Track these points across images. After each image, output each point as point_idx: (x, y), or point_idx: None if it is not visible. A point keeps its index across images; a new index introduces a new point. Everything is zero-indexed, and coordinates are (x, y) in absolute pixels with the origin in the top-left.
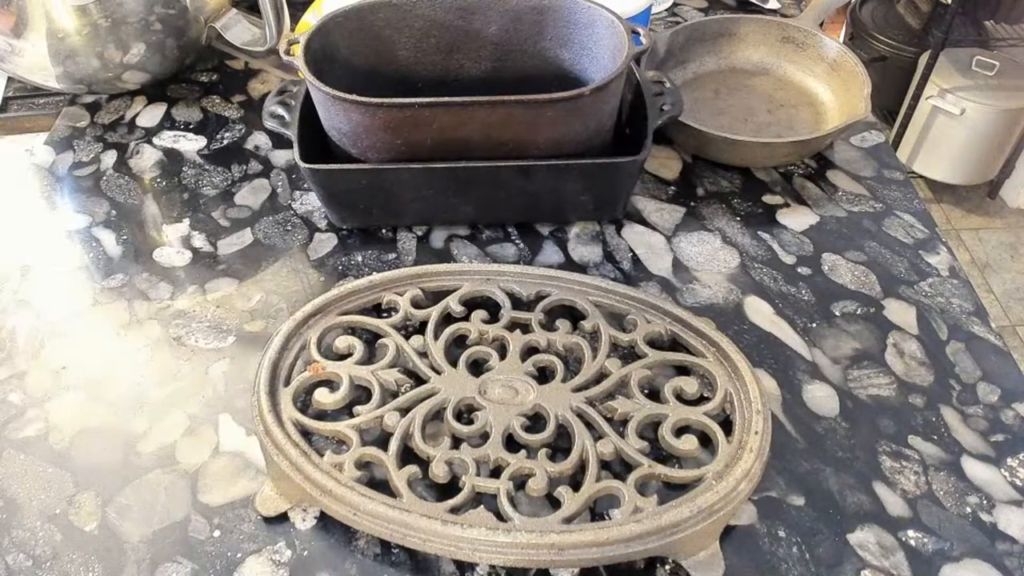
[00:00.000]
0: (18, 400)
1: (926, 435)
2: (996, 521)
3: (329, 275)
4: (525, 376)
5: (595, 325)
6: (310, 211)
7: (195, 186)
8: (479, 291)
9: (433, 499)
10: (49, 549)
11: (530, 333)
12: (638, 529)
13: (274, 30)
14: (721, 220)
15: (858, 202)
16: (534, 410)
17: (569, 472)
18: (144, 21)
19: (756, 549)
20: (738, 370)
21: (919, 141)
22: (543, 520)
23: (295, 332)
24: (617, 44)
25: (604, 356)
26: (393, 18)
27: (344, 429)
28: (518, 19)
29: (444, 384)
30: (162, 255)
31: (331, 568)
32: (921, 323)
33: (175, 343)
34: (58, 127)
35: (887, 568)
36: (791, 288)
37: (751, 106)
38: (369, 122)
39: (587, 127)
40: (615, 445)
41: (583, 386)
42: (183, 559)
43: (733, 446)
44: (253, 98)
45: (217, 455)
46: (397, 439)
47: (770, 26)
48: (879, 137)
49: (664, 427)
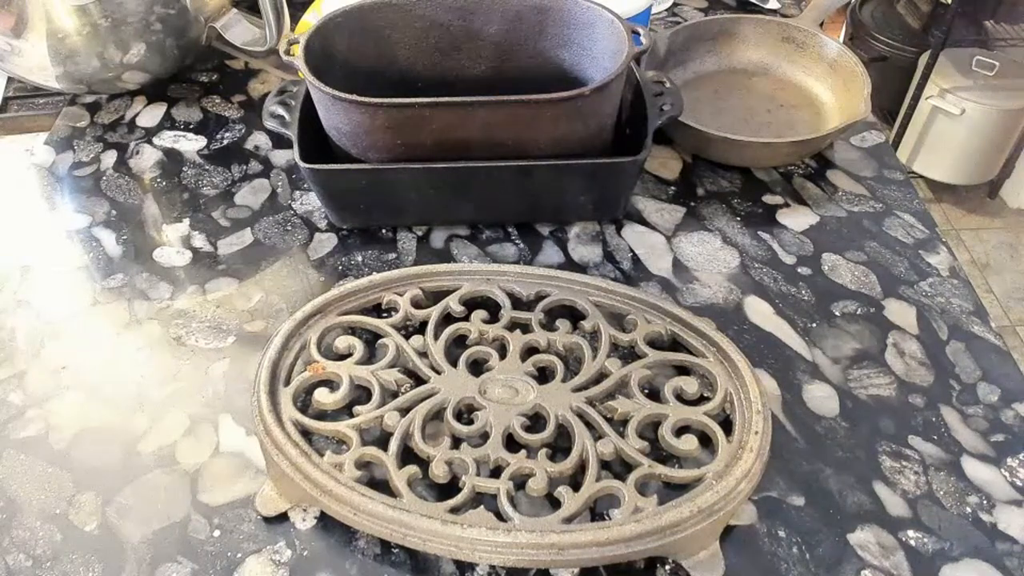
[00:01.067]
0: (18, 400)
1: (926, 435)
2: (996, 521)
3: (329, 275)
4: (525, 376)
5: (595, 325)
6: (310, 211)
7: (195, 186)
8: (479, 291)
9: (433, 499)
10: (49, 549)
11: (530, 333)
12: (638, 529)
13: (274, 30)
14: (721, 220)
15: (858, 202)
16: (534, 410)
17: (569, 472)
18: (144, 21)
19: (756, 549)
20: (738, 370)
21: (919, 141)
22: (543, 520)
23: (295, 332)
24: (617, 44)
25: (604, 356)
26: (393, 18)
27: (344, 429)
28: (518, 19)
29: (444, 384)
30: (162, 255)
31: (331, 568)
32: (921, 323)
33: (175, 343)
34: (58, 127)
35: (887, 568)
36: (791, 288)
37: (751, 106)
38: (369, 122)
39: (587, 127)
40: (615, 445)
41: (583, 386)
42: (183, 559)
43: (733, 446)
44: (253, 98)
45: (217, 455)
46: (397, 439)
47: (770, 26)
48: (879, 137)
49: (664, 427)
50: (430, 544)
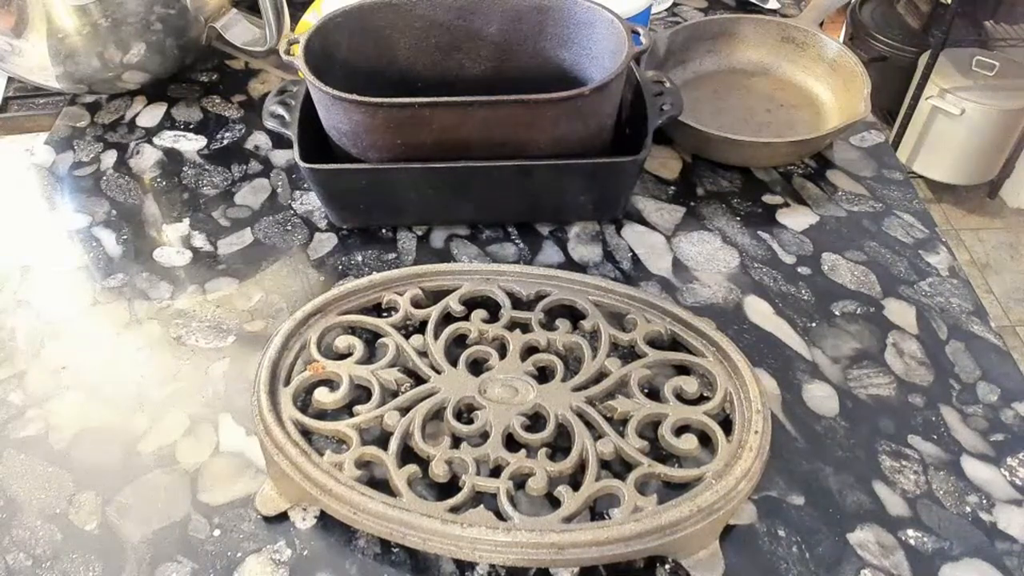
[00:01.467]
0: (18, 400)
1: (926, 435)
2: (996, 520)
3: (329, 275)
4: (525, 376)
5: (595, 325)
6: (310, 211)
7: (195, 186)
8: (479, 291)
9: (433, 498)
10: (49, 549)
11: (530, 333)
12: (638, 528)
13: (274, 30)
14: (721, 220)
15: (858, 202)
16: (534, 409)
17: (569, 471)
18: (144, 21)
19: (756, 548)
20: (738, 370)
21: (919, 141)
22: (543, 519)
23: (295, 332)
24: (617, 44)
25: (604, 356)
26: (393, 18)
27: (344, 428)
28: (518, 19)
29: (444, 383)
30: (162, 255)
31: (331, 567)
32: (921, 323)
33: (175, 343)
34: (58, 127)
35: (887, 567)
36: (791, 288)
37: (751, 106)
38: (369, 122)
39: (587, 127)
40: (615, 444)
41: (583, 385)
42: (183, 558)
43: (733, 445)
44: (253, 98)
45: (217, 455)
46: (397, 438)
47: (770, 26)
48: (879, 137)
49: (664, 426)
50: (430, 543)
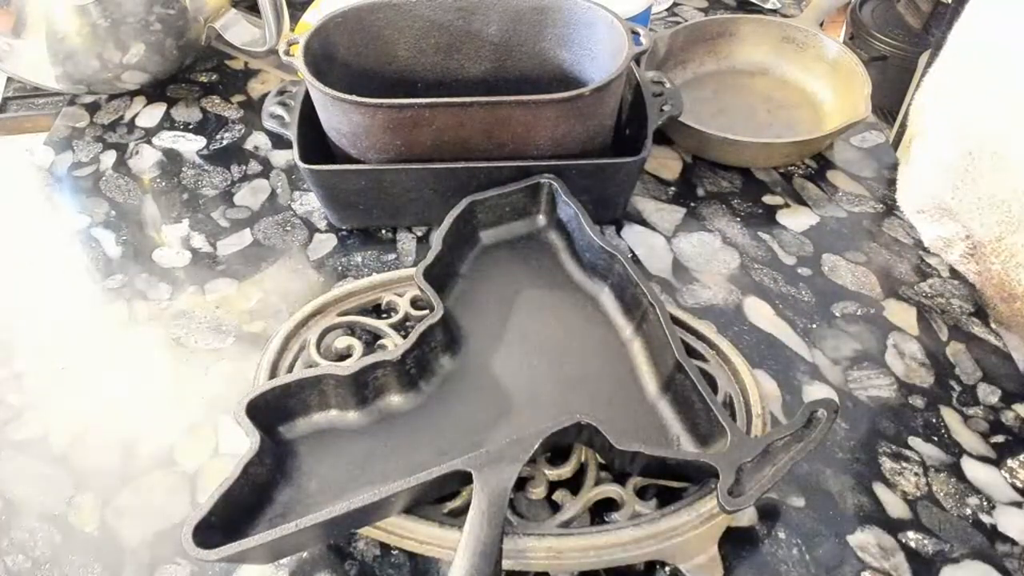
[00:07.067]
0: (17, 401)
1: (926, 436)
2: (996, 522)
3: (329, 275)
4: None
5: None
6: (310, 211)
7: (195, 186)
8: None
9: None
10: (48, 550)
11: None
12: (637, 533)
13: (274, 30)
14: (721, 220)
15: (858, 202)
16: None
17: (568, 476)
18: (144, 21)
19: (756, 551)
20: (738, 373)
21: None
22: (542, 524)
23: (294, 332)
24: (617, 44)
25: None
26: (393, 18)
27: None
28: (518, 19)
29: None
30: (162, 255)
31: (330, 569)
32: (921, 324)
33: (175, 343)
34: (57, 127)
35: (887, 570)
36: (791, 289)
37: (751, 106)
38: (369, 122)
39: (587, 127)
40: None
41: None
42: (183, 560)
43: None
44: (253, 98)
45: (216, 456)
46: None
47: (770, 26)
48: (879, 137)
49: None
50: (428, 547)
